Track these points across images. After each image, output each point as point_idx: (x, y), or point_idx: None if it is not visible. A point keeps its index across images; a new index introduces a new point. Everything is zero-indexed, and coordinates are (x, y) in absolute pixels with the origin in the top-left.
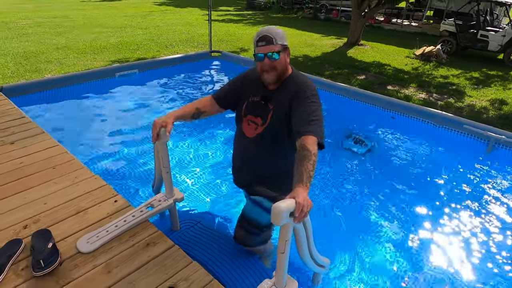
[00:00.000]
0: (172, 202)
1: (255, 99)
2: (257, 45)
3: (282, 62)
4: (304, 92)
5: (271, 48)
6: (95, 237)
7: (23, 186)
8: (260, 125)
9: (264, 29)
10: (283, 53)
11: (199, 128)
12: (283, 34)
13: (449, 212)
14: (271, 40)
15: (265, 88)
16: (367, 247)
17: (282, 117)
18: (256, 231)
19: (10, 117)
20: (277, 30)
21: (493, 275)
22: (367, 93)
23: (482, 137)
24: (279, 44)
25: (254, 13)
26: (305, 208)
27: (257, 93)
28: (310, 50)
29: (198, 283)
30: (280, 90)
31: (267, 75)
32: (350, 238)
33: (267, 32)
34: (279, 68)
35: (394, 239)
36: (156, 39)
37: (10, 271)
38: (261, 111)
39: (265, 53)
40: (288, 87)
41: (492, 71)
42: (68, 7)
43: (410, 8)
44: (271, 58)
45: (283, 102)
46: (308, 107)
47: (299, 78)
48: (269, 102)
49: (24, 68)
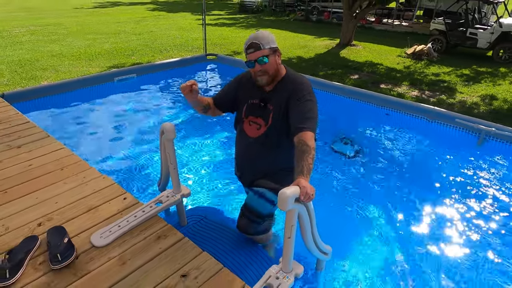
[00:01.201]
0: (179, 198)
1: (254, 102)
2: (247, 53)
3: (272, 65)
4: (301, 90)
5: (260, 54)
6: (108, 232)
7: (33, 187)
8: (263, 125)
9: (251, 36)
10: (273, 55)
11: (202, 127)
12: (270, 38)
13: (442, 202)
14: (258, 46)
15: (262, 91)
16: (361, 241)
17: (281, 116)
18: (258, 220)
19: (15, 123)
20: (264, 34)
21: (486, 265)
22: (362, 91)
23: (473, 130)
24: (267, 48)
25: (246, 16)
26: (309, 190)
27: (255, 96)
28: (304, 52)
29: (209, 272)
30: (277, 91)
31: (260, 78)
32: (343, 237)
33: (254, 39)
34: (271, 70)
35: (389, 232)
36: (150, 44)
37: (29, 266)
38: (261, 112)
39: (255, 59)
40: (285, 86)
41: (481, 67)
42: (61, 14)
43: (400, 8)
44: (261, 62)
45: (282, 101)
46: (305, 106)
47: (295, 77)
48: (268, 104)
49: (19, 76)
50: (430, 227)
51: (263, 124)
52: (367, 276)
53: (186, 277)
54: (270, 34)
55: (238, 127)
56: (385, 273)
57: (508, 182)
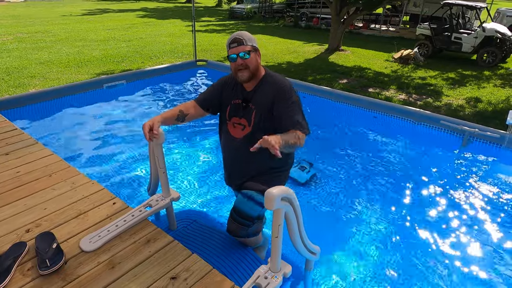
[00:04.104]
0: (169, 201)
1: (236, 101)
2: (229, 47)
3: (253, 61)
4: (285, 91)
5: (243, 49)
6: (97, 236)
7: (21, 194)
8: (247, 126)
9: (235, 33)
10: (254, 53)
11: (191, 131)
12: (253, 38)
13: (428, 202)
14: (241, 42)
15: (244, 90)
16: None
17: (265, 115)
18: (248, 223)
19: (2, 130)
20: (247, 34)
21: (473, 261)
22: (350, 95)
23: (458, 131)
24: (250, 45)
25: (236, 22)
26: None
27: (237, 96)
28: (293, 57)
29: (198, 273)
30: (258, 90)
31: (241, 73)
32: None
33: (237, 35)
34: (251, 66)
35: (374, 233)
36: (140, 50)
37: (17, 272)
38: (243, 113)
39: (237, 53)
40: (267, 86)
41: (466, 71)
42: (49, 22)
43: (387, 14)
44: (243, 57)
45: (264, 100)
46: (291, 110)
47: (275, 77)
48: (250, 103)
49: (7, 84)
50: (417, 226)
51: (247, 125)
52: (355, 276)
53: (176, 279)
54: (252, 35)
55: (223, 130)
56: (374, 274)
57: (491, 180)
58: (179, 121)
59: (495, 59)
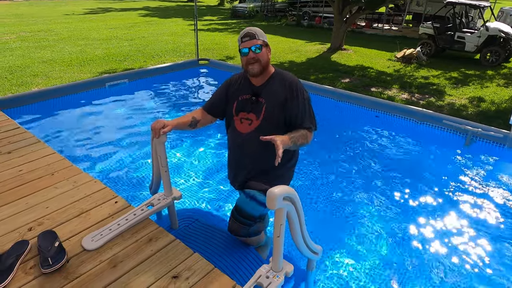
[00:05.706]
0: (171, 200)
1: (244, 97)
2: (241, 41)
3: (264, 55)
4: (297, 89)
5: (255, 42)
6: (99, 235)
7: (24, 192)
8: (255, 120)
9: (247, 28)
10: (265, 48)
11: (194, 130)
12: (264, 34)
13: (431, 201)
14: (254, 36)
15: (253, 85)
16: (353, 240)
17: (276, 108)
18: (249, 223)
19: (5, 128)
20: (258, 29)
21: (476, 261)
22: (352, 94)
23: (461, 131)
24: (261, 40)
25: (238, 21)
26: (278, 142)
27: (246, 91)
28: (295, 56)
29: (200, 272)
30: (268, 85)
31: (252, 66)
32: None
33: (250, 30)
34: (263, 60)
35: (377, 233)
36: (142, 49)
37: (19, 270)
38: (252, 107)
39: (249, 46)
40: (277, 82)
41: (469, 70)
42: (51, 21)
43: (390, 13)
44: (255, 51)
45: (275, 95)
46: (303, 109)
47: (285, 74)
48: (259, 97)
49: (9, 82)
50: (421, 226)
51: (255, 119)
52: (358, 275)
53: (178, 278)
54: (263, 31)
55: (230, 128)
56: (377, 273)
57: (493, 180)
58: (191, 127)
59: (499, 58)
